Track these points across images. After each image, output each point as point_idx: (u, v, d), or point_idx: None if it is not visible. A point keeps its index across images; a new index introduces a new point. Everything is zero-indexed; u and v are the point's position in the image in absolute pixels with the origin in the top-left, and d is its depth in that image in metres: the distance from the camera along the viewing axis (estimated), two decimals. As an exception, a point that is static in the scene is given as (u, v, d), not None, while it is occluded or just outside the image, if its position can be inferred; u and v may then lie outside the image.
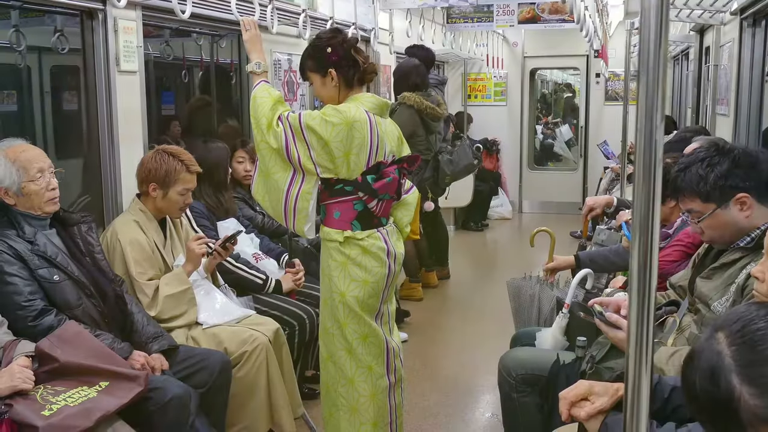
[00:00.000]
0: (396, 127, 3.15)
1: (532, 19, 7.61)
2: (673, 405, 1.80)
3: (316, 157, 2.83)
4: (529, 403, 2.69)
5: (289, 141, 2.82)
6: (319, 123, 2.81)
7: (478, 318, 5.62)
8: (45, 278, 2.60)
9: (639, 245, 1.11)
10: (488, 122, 9.90)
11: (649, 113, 1.06)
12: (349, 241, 2.94)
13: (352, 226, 2.95)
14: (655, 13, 1.03)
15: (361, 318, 2.98)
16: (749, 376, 1.15)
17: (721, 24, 5.44)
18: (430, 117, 5.26)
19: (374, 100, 2.99)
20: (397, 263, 3.07)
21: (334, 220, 2.97)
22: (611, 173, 7.89)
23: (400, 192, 3.10)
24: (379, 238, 2.98)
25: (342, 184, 2.92)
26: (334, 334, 3.02)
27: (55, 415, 2.18)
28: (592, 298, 2.62)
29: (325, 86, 2.98)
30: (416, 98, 5.21)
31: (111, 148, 3.37)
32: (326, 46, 2.95)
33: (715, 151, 2.23)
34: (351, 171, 2.88)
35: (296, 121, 2.83)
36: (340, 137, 2.81)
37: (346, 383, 3.04)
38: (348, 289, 2.95)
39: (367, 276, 2.96)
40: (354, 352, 3.01)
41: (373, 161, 2.91)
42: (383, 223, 3.03)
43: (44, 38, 3.42)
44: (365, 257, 2.95)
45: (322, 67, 2.95)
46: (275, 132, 2.84)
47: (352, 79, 2.97)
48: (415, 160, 3.15)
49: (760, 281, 1.80)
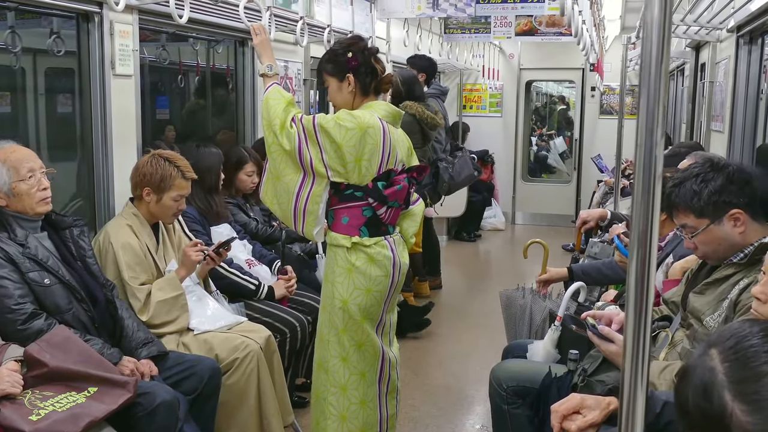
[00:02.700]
0: (406, 138, 3.17)
1: (529, 32, 7.64)
2: (665, 420, 1.80)
3: (328, 160, 2.84)
4: (520, 416, 2.68)
5: (302, 143, 2.83)
6: (333, 126, 2.82)
7: (469, 329, 5.61)
8: (35, 282, 2.58)
9: (637, 259, 1.11)
10: (483, 133, 9.92)
11: (650, 128, 1.06)
12: (356, 248, 2.94)
13: (360, 232, 2.96)
14: (658, 28, 1.03)
15: (360, 326, 2.98)
16: (742, 393, 1.14)
17: (717, 41, 5.46)
18: (429, 126, 5.26)
19: (389, 108, 3.01)
20: (402, 273, 3.07)
21: (342, 225, 2.97)
22: (605, 186, 7.90)
23: (409, 201, 3.12)
24: (386, 246, 2.99)
25: (352, 189, 2.93)
26: (330, 341, 3.02)
27: (42, 420, 2.16)
28: (584, 310, 2.62)
29: (341, 91, 2.99)
30: (418, 107, 5.23)
31: (104, 152, 3.36)
32: (347, 51, 2.96)
33: (709, 167, 2.24)
34: (362, 177, 2.89)
35: (309, 123, 2.83)
36: (353, 142, 2.82)
37: (337, 391, 3.03)
38: (351, 296, 2.95)
39: (370, 285, 2.96)
40: (348, 360, 3.01)
41: (384, 168, 2.93)
42: (390, 231, 3.04)
43: (40, 40, 3.41)
44: (371, 266, 2.95)
45: (341, 72, 2.97)
46: (288, 133, 2.84)
47: (368, 87, 2.99)
48: (423, 170, 3.16)
49: (761, 302, 1.81)
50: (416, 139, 5.21)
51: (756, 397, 1.13)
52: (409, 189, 3.05)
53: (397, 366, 3.19)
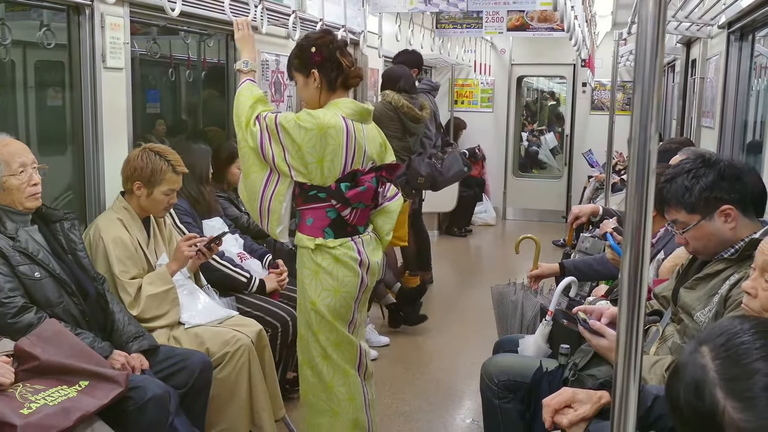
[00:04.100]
0: (380, 133, 3.12)
1: (521, 27, 7.63)
2: (656, 414, 1.81)
3: (291, 159, 2.82)
4: (511, 410, 2.69)
5: (265, 141, 2.82)
6: (292, 126, 2.79)
7: (460, 324, 5.62)
8: (26, 275, 2.57)
9: (630, 255, 1.11)
10: (474, 128, 9.92)
11: (644, 123, 1.06)
12: (320, 249, 2.92)
13: (325, 233, 2.93)
14: (652, 24, 1.03)
15: (333, 326, 2.98)
16: (733, 390, 1.15)
17: (708, 37, 5.48)
18: (408, 117, 5.25)
19: (354, 106, 2.96)
20: (371, 273, 3.04)
21: (306, 226, 2.95)
22: (595, 182, 7.93)
23: (378, 201, 3.07)
24: (352, 247, 2.95)
25: (315, 190, 2.89)
26: (309, 340, 3.02)
27: (33, 414, 2.15)
28: (575, 305, 2.63)
29: (307, 87, 2.97)
30: (394, 96, 5.22)
31: (95, 145, 3.34)
32: (311, 45, 2.93)
33: (701, 162, 2.25)
34: (324, 177, 2.86)
35: (272, 122, 2.82)
36: (312, 143, 2.79)
37: (325, 388, 3.04)
38: (319, 297, 2.94)
39: (338, 285, 2.93)
40: (330, 358, 3.02)
41: (349, 169, 2.89)
42: (359, 231, 3.00)
43: (30, 33, 3.38)
44: (337, 266, 2.93)
45: (306, 67, 2.94)
46: (252, 131, 2.84)
47: (334, 82, 2.94)
48: (395, 169, 3.12)
49: (752, 297, 1.82)
50: (394, 127, 5.19)
51: (748, 394, 1.14)
52: (377, 189, 3.00)
53: (368, 353, 3.19)
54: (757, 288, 1.82)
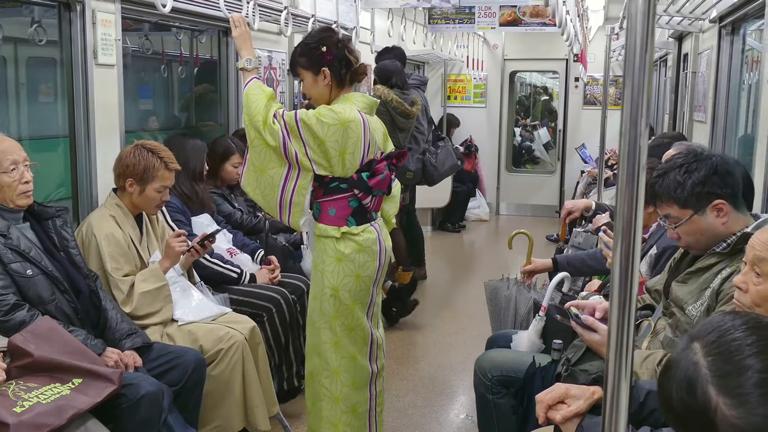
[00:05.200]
0: (381, 124, 3.17)
1: (514, 22, 7.64)
2: (649, 409, 1.81)
3: (312, 154, 2.86)
4: (505, 405, 2.70)
5: (286, 138, 2.84)
6: (315, 123, 2.83)
7: (454, 319, 5.63)
8: (18, 273, 2.56)
9: (621, 250, 1.11)
10: (467, 124, 9.92)
11: (634, 118, 1.06)
12: (345, 237, 2.98)
13: (348, 222, 3.00)
14: (642, 18, 1.03)
15: (351, 311, 3.03)
16: (725, 387, 1.15)
17: (699, 31, 5.49)
18: (398, 112, 5.25)
19: (365, 99, 3.03)
20: (387, 255, 3.13)
21: (329, 217, 3.00)
22: (588, 177, 7.94)
23: (391, 187, 3.16)
24: (373, 232, 3.04)
25: (337, 182, 2.95)
26: (321, 327, 3.05)
27: (27, 412, 2.14)
28: (568, 300, 2.63)
29: (316, 84, 2.99)
30: (384, 90, 5.22)
31: (87, 142, 3.33)
32: (321, 44, 2.96)
33: (693, 157, 2.25)
34: (346, 169, 2.92)
35: (291, 119, 2.84)
36: (336, 137, 2.84)
37: (330, 374, 3.09)
38: (341, 283, 2.99)
39: (359, 270, 3.00)
40: (340, 344, 3.06)
41: (366, 159, 2.96)
42: (374, 217, 3.09)
43: (21, 29, 3.37)
44: (359, 253, 3.00)
45: (316, 66, 2.97)
46: (272, 129, 2.84)
47: (344, 79, 3.00)
48: (402, 156, 3.20)
49: (743, 291, 1.82)
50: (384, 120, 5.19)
51: (740, 390, 1.14)
52: (390, 176, 3.09)
53: (383, 346, 3.25)
54: (747, 283, 1.82)
